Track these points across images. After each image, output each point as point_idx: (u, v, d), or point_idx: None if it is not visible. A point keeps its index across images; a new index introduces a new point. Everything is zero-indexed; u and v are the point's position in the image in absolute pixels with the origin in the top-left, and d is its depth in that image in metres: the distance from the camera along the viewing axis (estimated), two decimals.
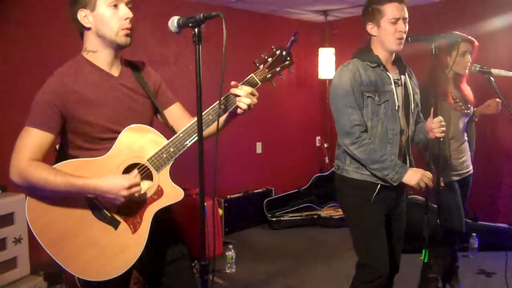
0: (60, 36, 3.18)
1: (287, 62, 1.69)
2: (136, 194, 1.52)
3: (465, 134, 2.88)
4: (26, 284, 2.93)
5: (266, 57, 1.68)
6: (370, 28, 2.15)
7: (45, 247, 1.51)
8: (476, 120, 3.01)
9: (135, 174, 1.52)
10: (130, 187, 1.48)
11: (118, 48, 1.62)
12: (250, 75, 1.65)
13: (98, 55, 1.61)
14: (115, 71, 1.65)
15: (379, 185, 2.12)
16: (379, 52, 2.15)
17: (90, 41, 1.60)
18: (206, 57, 2.21)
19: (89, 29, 1.58)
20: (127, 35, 1.58)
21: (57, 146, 1.67)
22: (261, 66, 1.67)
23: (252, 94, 1.61)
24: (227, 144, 4.55)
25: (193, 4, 4.03)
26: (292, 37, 1.59)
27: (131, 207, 1.56)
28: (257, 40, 4.82)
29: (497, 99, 2.88)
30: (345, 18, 5.33)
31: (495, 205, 4.24)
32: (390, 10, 2.07)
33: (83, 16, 1.56)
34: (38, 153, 1.50)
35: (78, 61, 1.61)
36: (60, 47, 3.04)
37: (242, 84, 1.63)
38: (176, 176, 1.63)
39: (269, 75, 1.67)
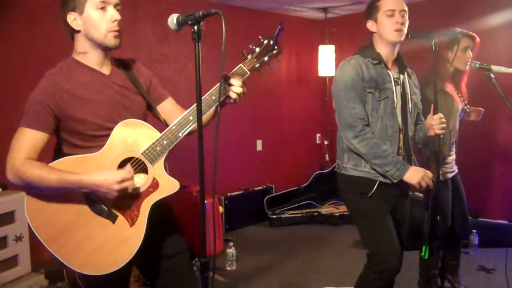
0: (58, 37, 3.18)
1: (275, 51, 1.72)
2: (129, 188, 1.54)
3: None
4: (27, 282, 2.93)
5: (254, 47, 1.70)
6: (370, 25, 2.18)
7: (45, 244, 1.53)
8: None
9: (128, 169, 1.53)
10: (122, 181, 1.49)
11: (107, 50, 1.64)
12: (239, 65, 1.68)
13: (88, 56, 1.63)
14: (106, 70, 1.66)
15: (378, 182, 2.12)
16: (381, 49, 2.17)
17: (80, 43, 1.62)
18: (206, 54, 2.21)
19: (78, 31, 1.60)
20: (115, 37, 1.60)
21: None
22: (249, 56, 1.70)
23: (242, 84, 1.63)
24: (228, 141, 4.55)
25: (193, 1, 4.02)
26: (279, 26, 1.62)
27: (128, 200, 1.57)
28: (256, 37, 4.80)
29: (481, 108, 2.88)
30: (345, 15, 5.32)
31: (495, 201, 4.24)
32: (385, 3, 2.10)
33: (72, 19, 1.58)
34: (33, 152, 1.52)
35: (68, 62, 1.63)
36: (59, 48, 3.04)
37: (231, 75, 1.64)
38: (176, 174, 1.63)
39: (257, 64, 1.70)
